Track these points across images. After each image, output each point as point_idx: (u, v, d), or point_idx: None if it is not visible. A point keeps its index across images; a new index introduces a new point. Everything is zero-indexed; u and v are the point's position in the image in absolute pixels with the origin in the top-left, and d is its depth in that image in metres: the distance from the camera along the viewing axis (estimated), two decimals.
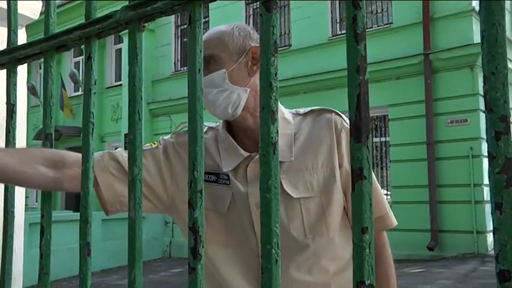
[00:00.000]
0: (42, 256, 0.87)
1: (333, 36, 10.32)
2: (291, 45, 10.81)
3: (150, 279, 8.46)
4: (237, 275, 1.20)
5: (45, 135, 0.92)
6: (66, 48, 0.88)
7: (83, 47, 0.82)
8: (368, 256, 0.47)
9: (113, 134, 13.73)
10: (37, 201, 13.31)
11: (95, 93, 0.80)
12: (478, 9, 0.43)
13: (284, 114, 1.27)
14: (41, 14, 1.60)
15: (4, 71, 0.99)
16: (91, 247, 0.78)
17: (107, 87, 14.35)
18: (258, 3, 0.58)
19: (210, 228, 1.21)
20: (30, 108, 14.79)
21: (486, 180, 7.97)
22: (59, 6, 13.89)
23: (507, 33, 0.45)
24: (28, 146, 1.57)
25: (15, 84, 0.97)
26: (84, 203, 0.79)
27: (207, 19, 11.74)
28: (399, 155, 9.24)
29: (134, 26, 0.73)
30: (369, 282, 0.47)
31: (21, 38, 1.46)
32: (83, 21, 0.81)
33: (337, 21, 10.44)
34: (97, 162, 1.16)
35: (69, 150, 1.22)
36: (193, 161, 0.64)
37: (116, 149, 1.37)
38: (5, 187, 0.99)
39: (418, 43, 9.07)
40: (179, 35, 13.12)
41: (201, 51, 0.66)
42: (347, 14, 0.51)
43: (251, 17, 11.68)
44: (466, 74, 8.67)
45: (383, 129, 9.82)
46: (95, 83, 0.80)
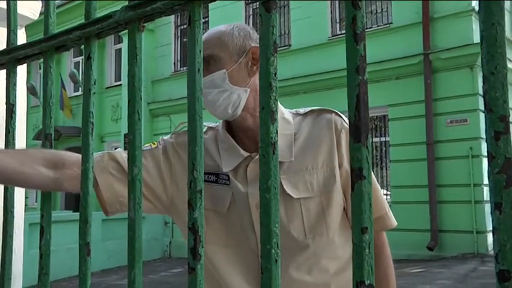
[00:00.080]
0: (42, 256, 0.87)
1: (332, 36, 10.32)
2: (290, 45, 10.82)
3: (150, 279, 8.46)
4: (236, 275, 1.20)
5: (44, 136, 0.92)
6: (66, 48, 0.88)
7: (82, 47, 0.82)
8: (368, 256, 0.47)
9: (112, 134, 13.73)
10: (37, 201, 13.30)
11: (94, 93, 0.80)
12: (477, 9, 0.43)
13: (284, 114, 1.27)
14: (40, 14, 1.60)
15: (4, 71, 0.99)
16: (91, 247, 0.78)
17: (107, 87, 14.35)
18: (257, 3, 0.58)
19: (210, 228, 1.21)
20: (30, 108, 14.80)
21: (486, 180, 7.94)
22: (59, 7, 13.89)
23: (506, 33, 0.45)
24: (28, 146, 1.57)
25: (15, 84, 0.97)
26: (83, 203, 0.79)
27: (207, 19, 11.75)
28: (399, 155, 9.25)
29: (134, 26, 0.73)
30: (368, 282, 0.47)
31: (21, 38, 1.46)
32: (82, 21, 0.81)
33: (337, 21, 10.43)
34: (96, 162, 1.16)
35: (69, 150, 1.22)
36: (193, 161, 0.64)
37: (116, 149, 1.37)
38: (4, 187, 0.99)
39: (417, 43, 9.07)
40: (179, 35, 13.12)
41: (200, 51, 0.66)
42: (346, 14, 0.51)
43: (251, 17, 11.68)
44: (465, 74, 8.67)
45: (383, 129, 9.83)
46: (95, 83, 0.80)
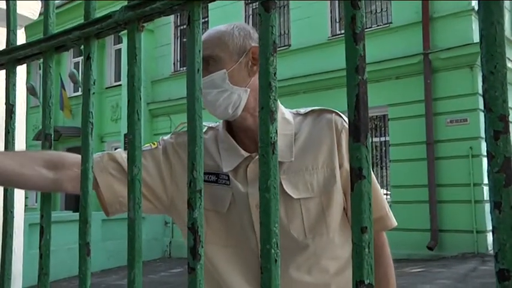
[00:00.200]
0: (42, 256, 0.87)
1: (332, 36, 10.32)
2: (290, 45, 10.81)
3: (150, 280, 8.46)
4: (236, 275, 1.20)
5: (44, 136, 0.92)
6: (66, 48, 0.88)
7: (82, 47, 0.82)
8: (367, 256, 0.47)
9: (112, 134, 13.73)
10: (37, 202, 13.28)
11: (94, 93, 0.80)
12: (477, 8, 0.43)
13: (284, 114, 1.26)
14: (40, 14, 1.60)
15: (3, 72, 0.99)
16: (91, 247, 0.78)
17: (107, 88, 14.35)
18: (257, 3, 0.58)
19: (210, 228, 1.21)
20: (29, 108, 14.79)
21: (486, 179, 7.97)
22: (58, 7, 13.89)
23: (506, 33, 0.45)
24: (27, 146, 1.57)
25: (15, 84, 0.97)
26: (83, 203, 0.79)
27: (207, 19, 11.75)
28: (399, 155, 9.25)
29: (133, 26, 0.73)
30: (368, 281, 0.47)
31: (21, 38, 1.46)
32: (82, 21, 0.81)
33: (337, 21, 10.43)
34: (96, 163, 1.16)
35: (69, 150, 1.22)
36: (193, 160, 0.64)
37: (116, 149, 1.37)
38: (4, 188, 0.99)
39: (417, 43, 9.07)
40: (178, 35, 13.11)
41: (200, 51, 0.66)
42: (346, 13, 0.51)
43: (250, 17, 11.68)
44: (465, 74, 8.67)
45: (383, 128, 9.83)
46: (94, 83, 0.80)
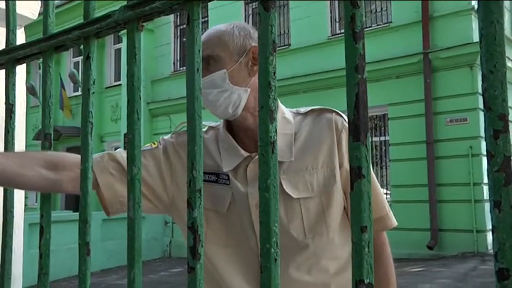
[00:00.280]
0: (42, 256, 0.87)
1: (332, 35, 10.32)
2: (290, 45, 10.81)
3: (150, 279, 8.47)
4: (236, 275, 1.19)
5: (44, 135, 0.92)
6: (65, 48, 0.88)
7: (81, 47, 0.82)
8: (367, 255, 0.47)
9: (112, 134, 13.72)
10: (37, 202, 13.29)
11: (93, 93, 0.80)
12: (477, 8, 0.43)
13: (285, 113, 1.26)
14: (39, 14, 1.60)
15: (3, 71, 0.99)
16: (90, 247, 0.78)
17: (106, 87, 14.35)
18: (256, 3, 0.58)
19: (210, 228, 1.21)
20: (29, 108, 14.79)
21: (486, 179, 7.97)
22: (58, 7, 13.89)
23: (506, 32, 0.45)
24: (27, 146, 1.57)
25: (14, 84, 0.97)
26: (83, 203, 0.79)
27: (206, 19, 11.75)
28: (399, 154, 9.24)
29: (133, 25, 0.73)
30: (368, 281, 0.47)
31: (20, 38, 1.46)
32: (81, 21, 0.81)
33: (337, 20, 10.43)
34: (97, 163, 1.16)
35: (69, 150, 1.22)
36: (192, 160, 0.64)
37: (116, 149, 1.37)
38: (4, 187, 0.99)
39: (417, 42, 9.07)
40: (178, 34, 13.11)
41: (199, 51, 0.66)
42: (345, 12, 0.51)
43: (250, 16, 11.68)
44: (465, 73, 8.67)
45: (382, 128, 9.83)
46: (94, 83, 0.80)
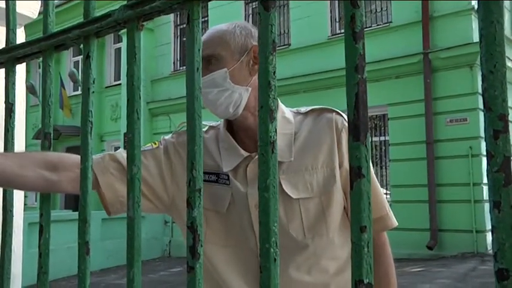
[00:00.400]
0: (41, 255, 0.87)
1: (332, 35, 10.32)
2: (290, 45, 10.81)
3: (150, 279, 8.47)
4: (236, 276, 1.19)
5: (44, 135, 0.92)
6: (65, 47, 0.88)
7: (81, 46, 0.82)
8: (366, 255, 0.47)
9: (112, 134, 13.72)
10: (36, 201, 13.28)
11: (93, 92, 0.80)
12: (477, 8, 0.43)
13: (285, 113, 1.26)
14: (39, 13, 1.60)
15: (3, 70, 0.99)
16: (90, 246, 0.78)
17: (106, 87, 14.34)
18: (256, 3, 0.58)
19: (210, 228, 1.21)
20: (29, 107, 14.78)
21: (486, 179, 7.92)
22: (58, 6, 13.89)
23: (506, 32, 0.45)
24: (27, 145, 1.57)
25: (14, 83, 0.97)
26: (83, 203, 0.79)
27: (206, 18, 11.74)
28: (399, 154, 9.24)
29: (133, 25, 0.73)
30: (367, 281, 0.47)
31: (20, 37, 1.46)
32: (81, 20, 0.81)
33: (337, 20, 10.43)
34: (97, 163, 1.16)
35: (68, 149, 1.22)
36: (192, 159, 0.64)
37: (116, 148, 1.37)
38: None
39: (417, 42, 9.07)
40: (178, 34, 13.11)
41: (199, 50, 0.66)
42: (345, 12, 0.51)
43: (250, 16, 11.67)
44: (465, 73, 8.67)
45: (382, 128, 9.82)
46: (94, 82, 0.80)
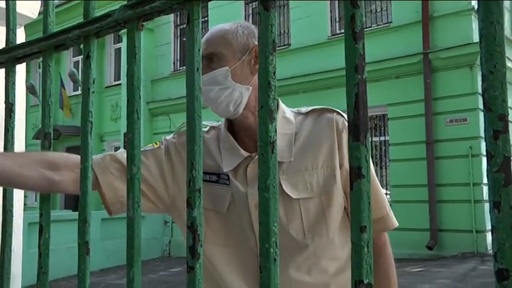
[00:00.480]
0: (41, 255, 0.87)
1: (332, 35, 10.32)
2: (290, 45, 10.81)
3: (150, 279, 8.46)
4: (236, 276, 1.19)
5: (44, 135, 0.92)
6: (65, 47, 0.88)
7: (81, 46, 0.82)
8: (366, 255, 0.47)
9: (112, 134, 13.72)
10: (36, 201, 13.28)
11: (93, 92, 0.80)
12: (477, 8, 0.43)
13: (285, 113, 1.26)
14: (39, 13, 1.60)
15: (3, 70, 0.99)
16: (90, 246, 0.78)
17: (106, 87, 14.34)
18: (256, 3, 0.58)
19: (210, 228, 1.21)
20: (29, 107, 14.78)
21: (485, 179, 7.92)
22: (58, 6, 13.89)
23: (506, 32, 0.45)
24: (27, 145, 1.57)
25: (14, 83, 0.97)
26: (82, 203, 0.79)
27: (206, 18, 11.74)
28: (398, 154, 9.24)
29: (133, 25, 0.73)
30: (367, 281, 0.47)
31: (20, 37, 1.46)
32: (81, 20, 0.81)
33: (337, 20, 10.43)
34: (98, 163, 1.16)
35: (68, 149, 1.22)
36: (192, 159, 0.64)
37: (116, 148, 1.37)
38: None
39: (417, 42, 9.07)
40: (178, 34, 13.11)
41: (199, 50, 0.66)
42: (345, 12, 0.51)
43: (250, 16, 11.68)
44: (465, 73, 8.67)
45: (382, 128, 9.82)
46: (94, 82, 0.80)
